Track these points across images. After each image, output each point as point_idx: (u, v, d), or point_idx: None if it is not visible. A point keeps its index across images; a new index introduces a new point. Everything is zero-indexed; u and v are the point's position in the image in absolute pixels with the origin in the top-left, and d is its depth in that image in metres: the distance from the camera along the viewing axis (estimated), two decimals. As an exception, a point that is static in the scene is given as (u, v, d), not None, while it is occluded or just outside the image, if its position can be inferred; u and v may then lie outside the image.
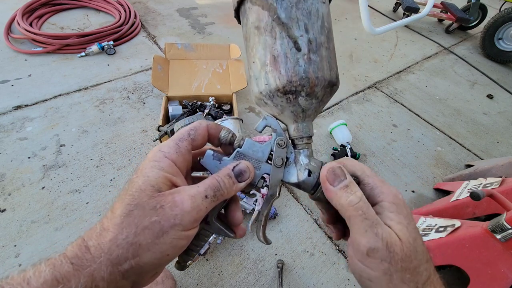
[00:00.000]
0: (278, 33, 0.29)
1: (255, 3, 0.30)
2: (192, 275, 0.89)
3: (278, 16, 0.29)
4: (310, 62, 0.29)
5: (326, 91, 0.31)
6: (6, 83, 1.38)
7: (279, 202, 1.11)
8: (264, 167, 0.31)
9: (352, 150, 1.30)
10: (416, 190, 1.26)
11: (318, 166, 0.31)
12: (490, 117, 1.78)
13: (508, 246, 0.65)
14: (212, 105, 1.28)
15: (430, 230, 0.80)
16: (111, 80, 1.50)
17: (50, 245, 0.89)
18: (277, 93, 0.30)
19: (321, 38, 0.30)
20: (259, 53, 0.30)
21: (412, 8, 2.42)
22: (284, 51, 0.29)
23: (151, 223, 0.23)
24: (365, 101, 1.70)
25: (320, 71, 0.29)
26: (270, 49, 0.29)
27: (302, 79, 0.29)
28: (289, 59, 0.29)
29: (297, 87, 0.29)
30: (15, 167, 1.06)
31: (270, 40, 0.29)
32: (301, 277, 0.93)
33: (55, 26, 1.79)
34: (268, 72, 0.30)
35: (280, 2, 0.29)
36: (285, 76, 0.29)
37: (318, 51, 0.29)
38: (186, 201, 0.24)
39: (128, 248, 0.22)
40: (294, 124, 0.32)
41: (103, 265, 0.22)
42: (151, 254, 0.23)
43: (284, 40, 0.29)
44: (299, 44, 0.29)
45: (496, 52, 2.31)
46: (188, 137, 0.28)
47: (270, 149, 0.31)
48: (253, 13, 0.30)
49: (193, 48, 1.49)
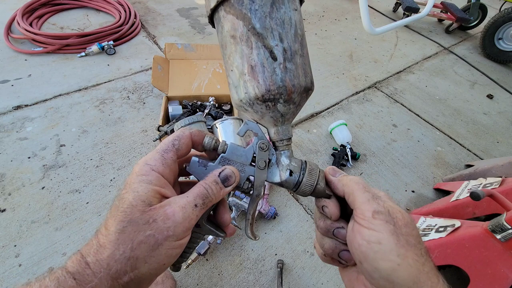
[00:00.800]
0: (254, 43, 0.30)
1: (229, 12, 0.30)
2: (192, 275, 0.89)
3: (253, 26, 0.29)
4: (286, 71, 0.30)
5: (302, 96, 0.33)
6: (6, 83, 1.38)
7: (279, 202, 1.11)
8: (248, 170, 0.32)
9: (352, 150, 1.30)
10: (416, 190, 1.26)
11: (299, 165, 0.33)
12: (490, 117, 1.78)
13: (508, 246, 0.65)
14: (212, 105, 1.28)
15: (430, 230, 0.80)
16: (111, 80, 1.50)
17: (50, 245, 0.89)
18: (257, 101, 0.31)
19: (295, 46, 0.31)
20: (236, 62, 0.31)
21: (412, 8, 2.42)
22: (261, 61, 0.30)
23: (146, 237, 0.24)
24: (365, 101, 1.70)
25: (296, 79, 0.31)
26: (247, 59, 0.30)
27: (279, 87, 0.30)
28: (266, 68, 0.30)
29: (275, 95, 0.30)
30: (15, 167, 1.06)
31: (247, 50, 0.30)
32: (301, 277, 0.93)
33: (55, 26, 1.79)
34: (246, 81, 0.31)
35: (254, 12, 0.29)
36: (263, 86, 0.30)
37: (293, 59, 0.31)
38: (177, 212, 0.25)
39: (126, 262, 0.23)
40: (274, 128, 0.34)
41: (103, 280, 0.23)
42: (148, 265, 0.24)
43: (260, 50, 0.30)
44: (275, 54, 0.30)
45: (496, 52, 2.31)
46: (173, 148, 0.28)
47: (253, 152, 0.32)
48: (228, 22, 0.31)
49: (193, 48, 1.49)
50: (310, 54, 1.06)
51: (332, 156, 1.30)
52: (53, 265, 0.85)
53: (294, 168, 0.33)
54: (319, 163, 1.28)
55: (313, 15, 2.53)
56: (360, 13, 1.46)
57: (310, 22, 2.41)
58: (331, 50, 2.10)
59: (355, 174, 1.27)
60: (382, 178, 1.28)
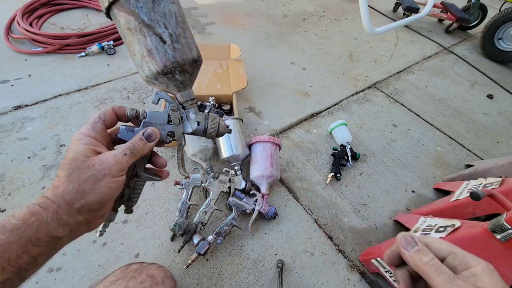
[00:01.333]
0: (146, 32, 0.38)
1: (121, 10, 0.37)
2: (192, 275, 0.89)
3: (142, 20, 0.37)
4: (175, 50, 0.39)
5: (193, 66, 0.43)
6: (6, 83, 1.38)
7: (279, 202, 1.11)
8: (167, 127, 0.42)
9: (352, 150, 1.30)
10: (416, 190, 1.26)
11: (203, 117, 0.44)
12: (490, 117, 1.78)
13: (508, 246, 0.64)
14: (212, 105, 1.28)
15: (430, 230, 0.80)
16: (111, 80, 1.50)
17: (50, 245, 0.89)
18: (159, 75, 0.40)
19: (178, 31, 0.40)
20: (136, 47, 0.39)
21: (412, 8, 2.42)
22: (154, 45, 0.38)
23: (89, 176, 0.32)
24: (365, 101, 1.70)
25: (184, 54, 0.40)
26: (144, 45, 0.38)
27: (172, 63, 0.39)
28: (159, 50, 0.38)
29: (171, 69, 0.39)
30: (15, 167, 1.06)
31: (142, 38, 0.38)
32: (301, 277, 0.93)
33: (55, 26, 1.79)
34: (148, 61, 0.39)
35: (140, 8, 0.37)
36: (160, 63, 0.39)
37: (178, 40, 0.40)
38: (110, 158, 0.34)
39: (76, 193, 0.32)
40: (179, 93, 0.43)
41: (61, 205, 0.31)
42: (94, 195, 0.32)
43: (152, 37, 0.38)
44: (164, 39, 0.38)
45: (496, 52, 2.31)
46: (100, 120, 0.38)
47: (168, 114, 0.42)
48: (122, 18, 0.38)
49: (193, 48, 1.49)
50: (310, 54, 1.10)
51: (332, 156, 1.30)
52: (53, 265, 0.85)
53: (200, 120, 0.44)
54: (319, 163, 1.29)
55: (313, 15, 2.53)
56: (360, 13, 1.47)
57: (310, 22, 2.41)
58: (331, 50, 2.10)
59: (355, 174, 1.27)
60: (382, 178, 1.28)
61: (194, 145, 1.07)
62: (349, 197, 1.18)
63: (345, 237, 1.06)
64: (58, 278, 0.83)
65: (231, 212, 0.99)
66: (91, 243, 0.91)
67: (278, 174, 1.10)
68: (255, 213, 0.99)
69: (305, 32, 2.26)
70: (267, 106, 1.53)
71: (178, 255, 0.92)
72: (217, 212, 1.02)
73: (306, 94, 1.66)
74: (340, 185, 1.22)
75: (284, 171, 1.23)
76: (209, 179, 1.04)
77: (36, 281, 0.81)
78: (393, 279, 0.88)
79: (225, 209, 1.05)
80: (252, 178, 1.09)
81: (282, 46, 2.04)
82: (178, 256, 0.92)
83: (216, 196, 1.00)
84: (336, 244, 1.03)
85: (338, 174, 1.22)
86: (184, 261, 0.91)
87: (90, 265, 0.87)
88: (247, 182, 1.08)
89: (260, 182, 1.07)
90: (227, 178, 1.05)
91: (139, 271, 0.67)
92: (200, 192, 1.09)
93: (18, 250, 0.28)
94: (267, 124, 1.43)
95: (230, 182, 1.05)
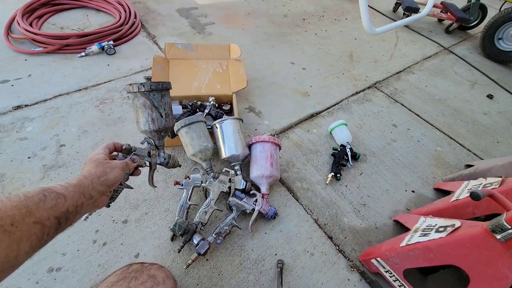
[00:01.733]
0: (154, 109, 0.69)
1: (142, 96, 0.68)
2: (192, 275, 0.89)
3: (154, 104, 0.69)
4: (166, 121, 0.72)
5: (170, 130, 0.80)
6: (6, 83, 1.38)
7: (279, 202, 1.11)
8: (146, 158, 0.71)
9: (352, 150, 1.30)
10: (416, 190, 1.26)
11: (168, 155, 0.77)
12: (490, 117, 1.78)
13: (508, 246, 0.64)
14: (212, 105, 1.28)
15: (430, 230, 0.80)
16: (111, 80, 1.50)
17: (50, 244, 0.88)
18: (154, 132, 0.71)
19: (169, 111, 0.73)
20: (145, 115, 0.69)
21: (412, 8, 2.42)
22: (156, 117, 0.70)
23: (108, 166, 0.56)
24: (365, 101, 1.70)
25: (168, 124, 0.73)
26: (150, 115, 0.69)
27: (163, 127, 0.72)
28: (158, 120, 0.70)
29: (161, 130, 0.72)
30: (15, 167, 1.06)
31: (150, 112, 0.69)
32: (301, 277, 0.93)
33: (55, 26, 1.79)
34: (150, 124, 0.70)
35: (154, 98, 0.69)
36: (157, 126, 0.71)
37: (168, 117, 0.73)
38: (117, 163, 0.58)
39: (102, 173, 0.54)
40: (158, 141, 0.74)
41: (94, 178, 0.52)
42: (111, 175, 0.55)
43: (156, 112, 0.70)
44: (162, 115, 0.71)
45: (496, 52, 2.31)
46: (106, 147, 0.62)
47: (148, 151, 0.72)
48: (141, 99, 0.68)
49: (193, 48, 1.49)
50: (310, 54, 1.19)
51: (332, 156, 1.30)
52: (53, 265, 0.85)
53: (166, 157, 0.76)
54: (319, 163, 1.29)
55: (313, 15, 2.53)
56: (360, 13, 1.47)
57: (310, 22, 2.41)
58: (331, 50, 2.10)
59: (355, 174, 1.27)
60: (382, 178, 1.28)
61: (194, 145, 1.07)
62: (349, 197, 1.18)
63: (345, 237, 1.06)
64: (58, 278, 0.83)
65: (231, 212, 0.99)
66: (91, 243, 0.91)
67: (278, 174, 1.10)
68: (255, 213, 0.99)
69: (305, 32, 2.26)
70: (267, 106, 1.53)
71: (178, 255, 0.92)
72: (217, 212, 1.02)
73: (306, 94, 1.66)
74: (340, 185, 1.22)
75: (284, 171, 1.23)
76: (209, 179, 1.04)
77: (36, 281, 0.81)
78: (393, 279, 0.88)
79: (225, 209, 1.05)
80: (252, 178, 1.09)
81: (282, 46, 2.04)
82: (178, 256, 0.92)
83: (216, 196, 1.00)
84: (336, 244, 1.03)
85: (338, 174, 1.22)
86: (184, 261, 0.91)
87: (90, 265, 0.87)
88: (247, 182, 1.08)
89: (260, 182, 1.07)
90: (227, 178, 1.05)
91: (140, 272, 0.67)
92: (200, 192, 1.09)
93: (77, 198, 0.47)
94: (267, 124, 1.43)
95: (230, 182, 1.05)
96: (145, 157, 0.71)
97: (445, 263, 0.74)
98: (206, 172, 1.08)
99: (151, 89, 0.69)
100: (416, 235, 0.82)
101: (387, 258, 0.86)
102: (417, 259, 0.79)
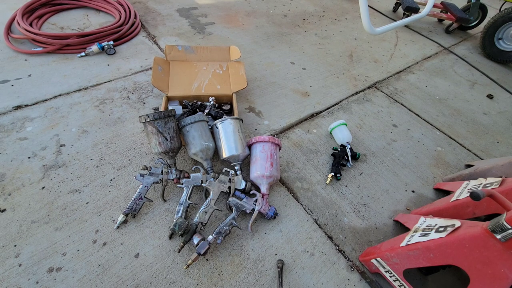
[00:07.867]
0: (160, 135, 0.99)
1: (149, 124, 0.99)
2: (192, 275, 0.89)
3: (159, 130, 0.99)
4: (172, 143, 1.01)
5: (177, 150, 1.07)
6: (6, 83, 1.38)
7: (279, 202, 1.11)
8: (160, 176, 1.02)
9: (352, 150, 1.30)
10: (416, 190, 1.26)
11: (179, 172, 1.06)
12: (490, 117, 1.78)
13: (508, 246, 0.64)
14: (212, 105, 1.28)
15: (430, 230, 0.80)
16: (111, 80, 1.50)
17: (50, 245, 0.89)
18: (163, 153, 1.02)
19: (173, 135, 1.03)
20: (153, 140, 1.00)
21: (412, 8, 2.42)
22: (162, 141, 1.00)
23: None
24: (365, 101, 1.70)
25: (174, 145, 1.02)
26: (157, 139, 1.00)
27: (170, 148, 1.02)
28: (164, 143, 1.00)
29: (168, 151, 1.02)
30: (15, 167, 1.06)
31: (157, 137, 0.99)
32: (301, 277, 0.93)
33: (55, 26, 1.79)
34: (158, 147, 1.00)
35: (158, 125, 0.99)
36: (164, 149, 1.01)
37: (173, 139, 1.02)
38: None
39: None
40: (169, 160, 1.05)
41: None
42: None
43: (162, 137, 0.99)
44: (167, 138, 1.00)
45: (496, 52, 2.31)
46: None
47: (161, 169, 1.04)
48: (149, 127, 0.99)
49: (193, 50, 1.49)
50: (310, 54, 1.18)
51: (332, 156, 1.30)
52: (53, 265, 0.85)
53: (177, 173, 1.05)
54: (319, 163, 1.29)
55: (313, 15, 2.53)
56: (360, 13, 1.46)
57: (310, 22, 2.41)
58: (331, 50, 2.10)
59: (355, 174, 1.27)
60: (382, 178, 1.28)
61: (195, 144, 1.07)
62: (349, 197, 1.18)
63: (345, 237, 1.06)
64: (58, 278, 0.83)
65: (231, 212, 0.99)
66: (91, 243, 0.91)
67: (278, 174, 1.10)
68: (255, 213, 0.99)
69: (305, 32, 2.26)
70: (267, 106, 1.53)
71: (178, 255, 0.92)
72: (217, 212, 1.02)
73: (306, 94, 1.66)
74: (340, 185, 1.22)
75: (284, 171, 1.23)
76: (209, 179, 1.04)
77: (36, 281, 0.81)
78: (393, 279, 0.88)
79: (225, 209, 1.05)
80: (252, 178, 1.09)
81: (282, 46, 2.04)
82: (178, 256, 0.92)
83: (216, 196, 1.00)
84: (336, 244, 1.03)
85: (338, 174, 1.22)
86: (184, 261, 0.91)
87: (90, 265, 0.87)
88: (247, 182, 1.08)
89: (260, 182, 1.07)
90: (227, 178, 1.05)
91: None
92: (200, 192, 1.09)
93: None
94: (267, 124, 1.43)
95: (230, 182, 1.05)
96: (159, 175, 0.97)
97: (445, 263, 0.74)
98: (207, 171, 1.08)
99: (154, 118, 0.95)
100: (416, 235, 0.82)
101: (387, 258, 0.86)
102: (417, 259, 0.79)
